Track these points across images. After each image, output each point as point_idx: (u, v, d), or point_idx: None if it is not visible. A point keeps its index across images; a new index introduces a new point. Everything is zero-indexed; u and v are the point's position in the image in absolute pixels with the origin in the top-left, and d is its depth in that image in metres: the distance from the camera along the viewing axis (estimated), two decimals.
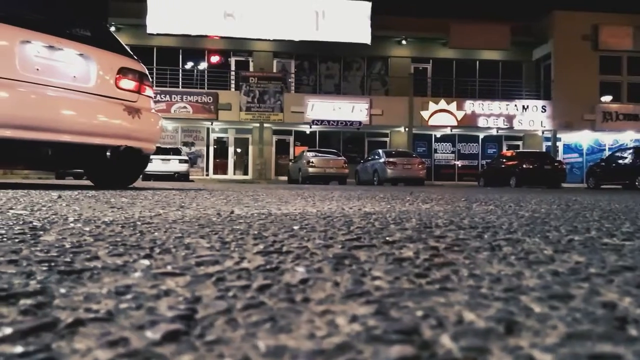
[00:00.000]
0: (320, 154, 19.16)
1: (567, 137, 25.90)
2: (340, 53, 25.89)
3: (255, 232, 1.22)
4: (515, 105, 24.39)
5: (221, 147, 26.34)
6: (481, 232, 1.39)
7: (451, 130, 25.40)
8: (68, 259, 0.78)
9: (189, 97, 23.90)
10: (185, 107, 23.76)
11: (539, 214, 2.25)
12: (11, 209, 1.86)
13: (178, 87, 24.82)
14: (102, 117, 4.53)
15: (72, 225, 1.29)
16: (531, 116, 24.38)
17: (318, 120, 24.14)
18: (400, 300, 0.58)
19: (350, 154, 23.47)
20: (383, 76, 27.00)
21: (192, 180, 19.19)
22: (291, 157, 24.47)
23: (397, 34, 25.77)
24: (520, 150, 22.37)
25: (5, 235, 1.04)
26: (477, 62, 26.96)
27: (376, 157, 18.54)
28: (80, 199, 2.68)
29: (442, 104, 24.36)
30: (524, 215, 2.16)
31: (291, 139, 26.16)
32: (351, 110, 24.14)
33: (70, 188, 4.48)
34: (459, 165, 26.31)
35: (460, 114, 24.28)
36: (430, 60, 27.07)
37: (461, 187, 12.45)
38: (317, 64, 26.72)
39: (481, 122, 24.42)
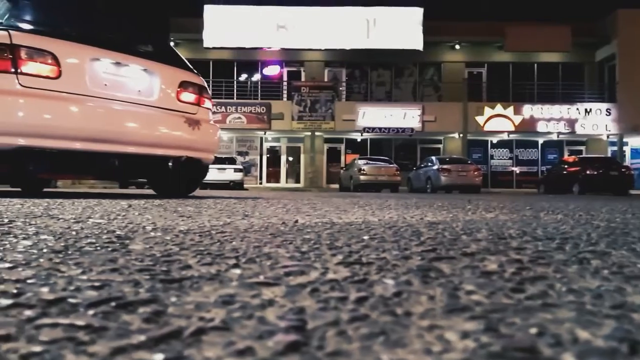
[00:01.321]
0: (371, 162, 19.06)
1: (635, 141, 24.38)
2: (392, 60, 25.73)
3: (328, 242, 1.22)
4: (577, 109, 23.28)
5: (274, 155, 26.79)
6: (560, 243, 1.33)
7: (508, 136, 24.57)
8: (164, 268, 0.80)
9: (243, 107, 24.52)
10: (239, 118, 24.38)
11: (615, 224, 2.12)
12: (90, 217, 1.96)
13: (233, 99, 25.53)
14: (164, 129, 4.70)
15: (152, 234, 1.34)
16: (595, 120, 23.18)
17: (369, 128, 24.06)
18: (505, 316, 0.55)
19: (402, 161, 23.21)
20: (436, 82, 26.57)
21: (246, 189, 19.61)
22: (342, 165, 24.50)
23: (450, 38, 25.30)
24: (584, 155, 21.30)
25: (96, 244, 1.09)
26: (535, 65, 25.99)
27: (429, 164, 18.21)
28: (148, 207, 2.78)
29: (499, 108, 23.64)
30: (599, 225, 2.04)
31: (342, 147, 26.21)
32: (403, 117, 23.89)
33: (136, 197, 4.68)
34: (517, 172, 25.36)
35: (517, 119, 23.46)
36: (485, 65, 26.36)
37: (520, 195, 11.99)
38: (368, 71, 26.68)
39: (540, 126, 23.47)
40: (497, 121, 23.66)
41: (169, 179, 5.33)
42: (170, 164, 4.76)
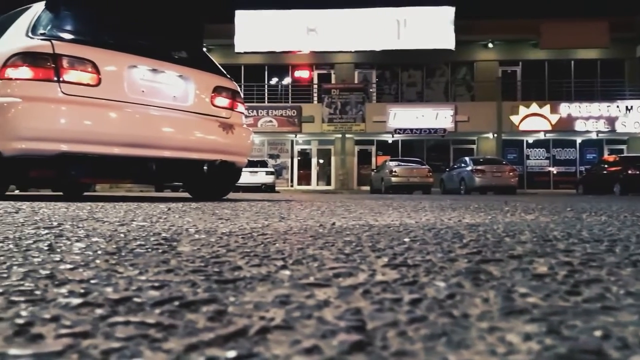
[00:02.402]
0: (403, 163, 18.91)
1: None
2: (423, 60, 25.47)
3: (369, 245, 1.22)
4: (618, 106, 22.47)
5: (304, 158, 26.91)
6: (609, 245, 1.29)
7: (545, 135, 23.94)
8: (216, 269, 0.83)
9: (274, 111, 24.75)
10: (270, 121, 24.62)
11: None
12: (133, 220, 2.02)
13: (264, 102, 25.80)
14: (199, 133, 4.78)
15: (197, 236, 1.38)
16: (636, 117, 22.33)
17: (400, 129, 23.88)
18: (565, 318, 0.55)
19: (434, 162, 22.90)
20: (468, 81, 26.14)
21: (278, 191, 19.76)
22: (373, 166, 24.37)
23: (483, 37, 24.86)
24: (625, 154, 20.52)
25: (146, 246, 1.13)
26: (572, 62, 25.25)
27: (462, 165, 17.91)
28: (187, 210, 2.85)
29: (534, 107, 23.06)
30: None
31: (373, 148, 26.10)
32: (435, 117, 23.60)
33: (173, 200, 4.78)
34: (554, 172, 24.66)
35: (554, 118, 22.84)
36: (520, 63, 25.77)
37: (558, 196, 11.66)
38: (399, 72, 26.49)
39: (578, 125, 22.77)
40: (533, 120, 23.08)
41: (204, 182, 5.43)
42: (205, 167, 4.84)
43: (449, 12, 24.17)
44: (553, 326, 0.51)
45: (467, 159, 18.15)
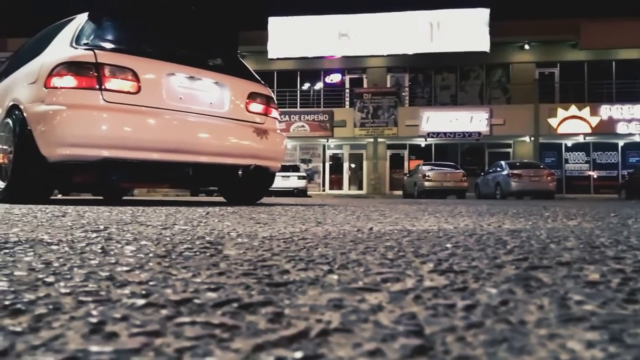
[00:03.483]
0: (436, 167, 18.67)
1: None
2: (457, 63, 25.13)
3: (411, 250, 1.22)
4: None
5: (336, 163, 26.93)
6: None
7: (584, 138, 23.19)
8: (266, 272, 0.85)
9: (306, 116, 24.90)
10: (303, 126, 24.77)
11: None
12: (175, 224, 2.07)
13: (296, 107, 25.98)
14: (234, 139, 4.85)
15: (239, 240, 1.40)
16: None
17: (434, 133, 23.59)
18: (626, 327, 0.54)
19: (469, 166, 22.50)
20: (504, 84, 25.62)
21: (310, 196, 19.84)
22: (406, 171, 24.15)
23: (519, 38, 24.32)
24: None
25: (193, 250, 1.16)
26: (614, 63, 24.38)
27: (498, 169, 17.53)
28: (225, 215, 2.90)
29: (573, 110, 22.39)
30: None
31: (406, 152, 25.88)
32: (469, 120, 23.21)
33: (209, 204, 4.87)
34: (595, 177, 23.83)
35: (594, 120, 22.10)
36: (558, 64, 25.07)
37: (600, 201, 11.27)
38: (432, 75, 26.22)
39: (620, 128, 21.97)
40: (572, 123, 22.40)
41: (238, 187, 5.51)
42: (240, 172, 4.91)
43: (484, 13, 23.79)
44: (615, 334, 0.50)
45: (503, 163, 17.75)
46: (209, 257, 1.03)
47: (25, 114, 4.08)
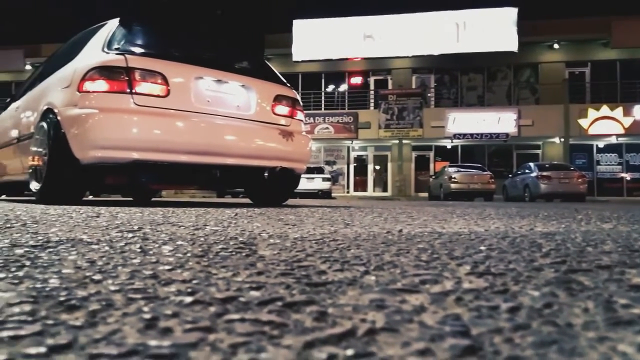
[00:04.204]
0: (463, 169, 18.42)
1: None
2: (484, 63, 24.76)
3: (445, 252, 1.21)
4: None
5: (361, 164, 26.85)
6: None
7: (617, 139, 22.54)
8: (303, 273, 0.86)
9: (330, 118, 24.91)
10: (327, 128, 24.80)
11: None
12: (206, 225, 2.10)
13: (321, 109, 26.02)
14: (260, 141, 4.89)
15: (271, 241, 1.42)
16: None
17: (460, 134, 23.29)
18: None
19: (496, 168, 22.12)
20: (533, 84, 25.11)
21: (334, 198, 19.83)
22: (431, 173, 23.91)
23: (548, 38, 23.81)
24: None
25: (229, 250, 1.18)
26: None
27: (527, 170, 17.17)
28: (253, 216, 2.93)
29: (605, 110, 21.79)
30: None
31: (431, 154, 25.62)
32: (497, 121, 22.82)
33: (236, 206, 4.92)
34: (628, 179, 23.12)
35: (627, 121, 21.47)
36: (589, 64, 24.44)
37: (633, 204, 10.94)
38: (458, 76, 25.89)
39: None
40: (604, 124, 21.80)
41: (264, 189, 5.56)
42: (266, 174, 4.95)
43: (512, 13, 23.40)
44: None
45: (531, 164, 17.39)
46: (245, 257, 1.04)
47: (59, 118, 4.20)
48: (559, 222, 2.72)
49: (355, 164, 26.75)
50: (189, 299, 0.64)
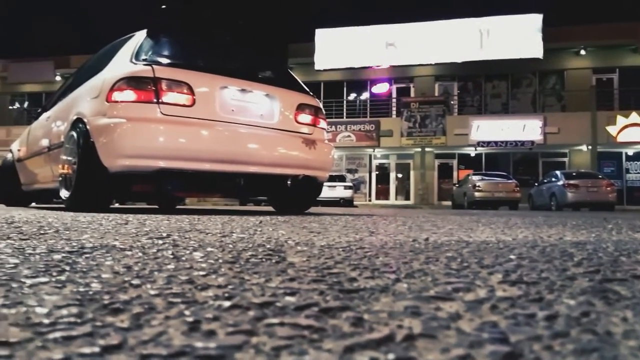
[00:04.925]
0: (487, 177, 18.17)
1: None
2: (508, 70, 24.46)
3: (475, 261, 1.20)
4: None
5: (383, 173, 26.74)
6: None
7: None
8: (335, 279, 0.87)
9: (352, 126, 24.91)
10: (349, 136, 24.80)
11: None
12: (232, 232, 2.13)
13: (342, 117, 26.05)
14: (283, 149, 4.92)
15: (299, 248, 1.43)
16: None
17: (484, 142, 23.00)
18: None
19: (521, 176, 21.75)
20: (558, 91, 24.68)
21: (356, 206, 19.78)
22: (455, 181, 23.64)
23: (575, 44, 23.40)
24: None
25: (258, 257, 1.20)
26: None
27: (553, 179, 16.84)
28: (277, 224, 2.95)
29: (634, 117, 21.25)
30: None
31: (455, 162, 25.35)
32: (522, 129, 22.47)
33: (260, 214, 4.96)
34: None
35: None
36: (617, 70, 23.91)
37: None
38: (482, 83, 25.63)
39: None
40: (633, 131, 21.25)
41: (287, 197, 5.59)
42: (288, 182, 4.97)
43: (536, 19, 23.11)
44: None
45: (558, 172, 17.04)
46: (275, 264, 1.06)
47: (88, 127, 4.31)
48: (588, 232, 2.67)
49: (377, 172, 26.65)
50: (227, 304, 0.65)
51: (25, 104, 32.61)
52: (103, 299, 0.68)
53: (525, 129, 22.46)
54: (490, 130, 22.91)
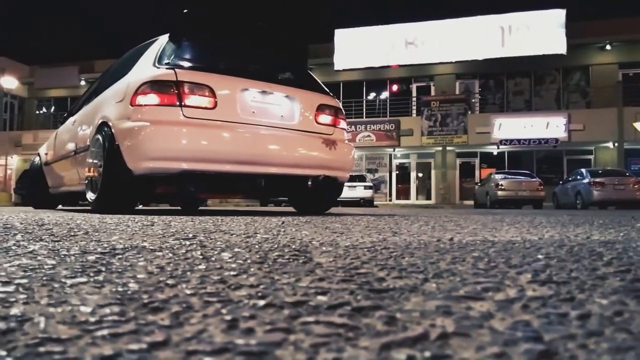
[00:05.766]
0: (510, 176, 17.90)
1: None
2: (530, 67, 24.07)
3: (502, 261, 1.20)
4: None
5: (403, 172, 26.59)
6: None
7: None
8: (363, 279, 0.88)
9: (372, 125, 24.84)
10: (369, 136, 24.74)
11: None
12: (256, 233, 2.16)
13: (362, 117, 25.99)
14: (304, 150, 4.94)
15: (324, 249, 1.45)
16: None
17: (506, 140, 22.68)
18: None
19: (545, 174, 21.38)
20: (583, 87, 24.17)
21: (376, 206, 19.71)
22: (477, 180, 23.36)
23: (599, 39, 22.88)
24: None
25: (286, 257, 1.22)
26: None
27: (578, 177, 16.50)
28: (299, 224, 2.97)
29: None
30: None
31: (476, 161, 25.06)
32: (545, 126, 22.08)
33: (281, 214, 4.99)
34: None
35: None
36: None
37: None
38: (504, 80, 25.27)
39: None
40: None
41: (308, 197, 5.61)
42: (309, 182, 4.99)
43: (560, 15, 22.68)
44: None
45: (583, 170, 16.70)
46: (302, 264, 1.07)
47: (113, 130, 4.40)
48: (616, 231, 2.62)
49: (397, 172, 26.52)
50: (261, 302, 0.67)
51: (52, 109, 33.43)
52: (142, 298, 0.70)
53: (548, 127, 22.06)
54: (512, 128, 22.57)
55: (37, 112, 33.95)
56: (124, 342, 0.49)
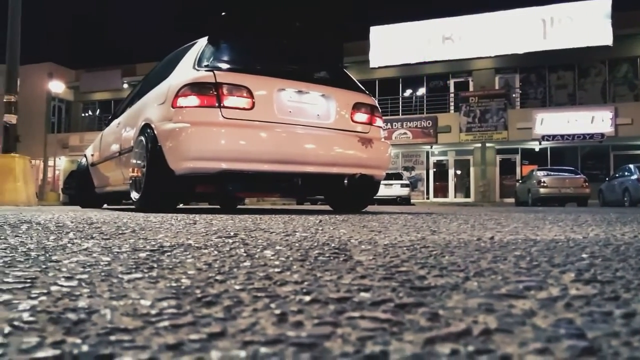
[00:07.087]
0: (553, 173, 17.38)
1: None
2: (574, 60, 23.24)
3: (545, 260, 1.19)
4: None
5: (441, 169, 26.22)
6: None
7: None
8: (404, 277, 0.90)
9: (408, 123, 24.60)
10: (405, 133, 24.52)
11: None
12: (295, 231, 2.20)
13: (398, 115, 25.77)
14: (340, 149, 4.96)
15: (362, 247, 1.47)
16: None
17: (549, 136, 22.00)
18: None
19: (591, 171, 20.62)
20: (631, 79, 23.15)
21: (413, 204, 19.52)
22: (518, 177, 22.77)
23: None
24: None
25: (326, 255, 1.24)
26: None
27: (626, 173, 15.85)
28: (336, 223, 2.99)
29: None
30: None
31: (517, 157, 24.42)
32: (590, 121, 21.29)
33: (318, 213, 5.03)
34: None
35: None
36: None
37: None
38: (546, 74, 24.50)
39: None
40: None
41: (344, 195, 5.62)
42: (345, 181, 5.00)
43: (605, 4, 21.79)
44: None
45: (631, 166, 16.01)
46: (343, 262, 1.10)
47: (155, 132, 4.55)
48: None
49: (434, 169, 26.17)
50: (307, 298, 0.70)
51: (97, 111, 34.76)
52: (195, 292, 0.75)
53: (594, 121, 21.25)
54: (555, 123, 21.86)
55: (83, 114, 35.37)
56: (185, 333, 0.52)
